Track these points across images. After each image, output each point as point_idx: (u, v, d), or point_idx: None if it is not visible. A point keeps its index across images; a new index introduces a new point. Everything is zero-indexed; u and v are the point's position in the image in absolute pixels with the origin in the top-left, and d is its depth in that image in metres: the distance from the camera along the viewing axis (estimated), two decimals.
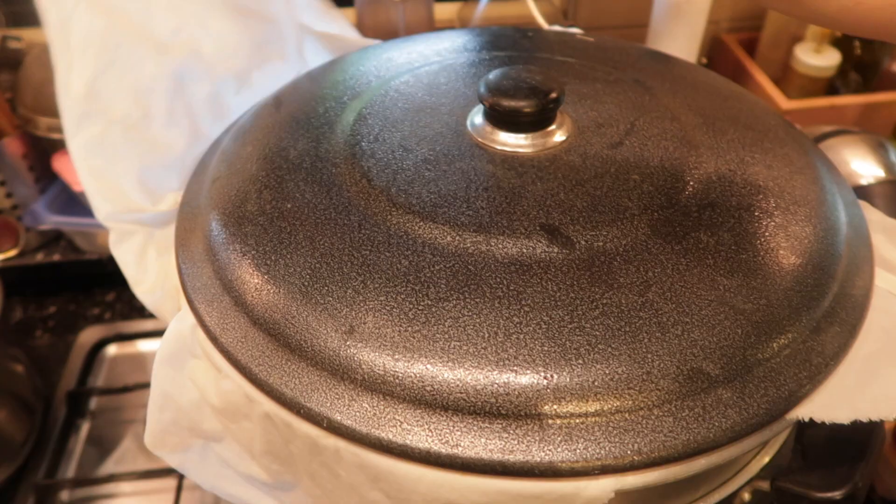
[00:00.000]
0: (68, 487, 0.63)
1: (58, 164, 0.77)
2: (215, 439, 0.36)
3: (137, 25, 0.44)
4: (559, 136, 0.40)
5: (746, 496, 0.38)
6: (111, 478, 0.63)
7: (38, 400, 0.68)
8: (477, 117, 0.41)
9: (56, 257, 0.81)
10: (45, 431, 0.67)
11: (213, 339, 0.34)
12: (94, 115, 0.42)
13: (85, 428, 0.69)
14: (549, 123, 0.40)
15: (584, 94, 0.44)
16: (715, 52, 0.92)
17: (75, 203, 0.78)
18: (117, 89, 0.43)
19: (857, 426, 0.31)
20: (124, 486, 0.64)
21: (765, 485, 0.37)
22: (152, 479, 0.63)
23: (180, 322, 0.36)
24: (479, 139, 0.40)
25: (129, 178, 0.42)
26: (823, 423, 0.31)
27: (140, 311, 0.79)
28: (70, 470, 0.65)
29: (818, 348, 0.32)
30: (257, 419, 0.33)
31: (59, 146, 0.79)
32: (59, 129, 0.78)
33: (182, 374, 0.36)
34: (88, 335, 0.77)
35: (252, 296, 0.34)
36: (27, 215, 0.76)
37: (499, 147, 0.39)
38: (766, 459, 0.37)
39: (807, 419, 0.31)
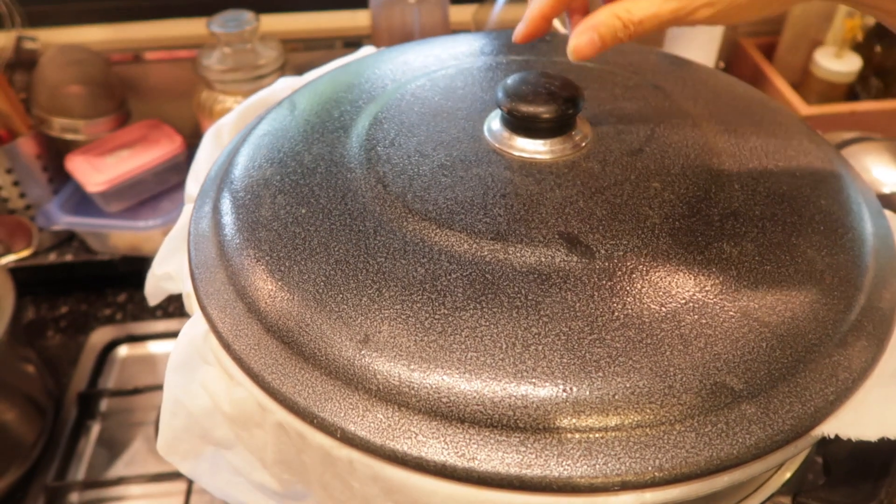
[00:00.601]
0: (78, 489, 0.63)
1: (71, 164, 0.77)
2: (227, 447, 0.36)
3: None
4: (578, 143, 0.39)
5: None
6: (121, 480, 0.63)
7: (48, 401, 0.68)
8: (494, 122, 0.40)
9: (68, 258, 0.81)
10: (55, 433, 0.67)
11: (226, 346, 0.33)
12: None
13: (95, 429, 0.69)
14: (568, 129, 0.39)
15: (603, 100, 0.44)
16: (733, 57, 0.91)
17: (88, 204, 0.78)
18: None
19: (883, 443, 0.30)
20: (134, 489, 0.63)
21: (786, 501, 0.36)
22: (162, 482, 0.62)
23: (192, 328, 0.36)
24: (497, 145, 0.39)
25: None
26: (849, 440, 0.30)
27: (151, 313, 0.79)
28: (80, 472, 0.65)
29: (845, 363, 0.31)
30: (270, 428, 0.33)
31: (72, 146, 0.79)
32: (72, 130, 0.79)
33: (194, 381, 0.35)
34: (99, 336, 0.77)
35: (265, 302, 0.33)
36: (40, 216, 0.76)
37: (516, 153, 0.39)
38: (788, 475, 0.37)
39: (832, 436, 0.30)
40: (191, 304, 0.38)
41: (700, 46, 0.75)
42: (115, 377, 0.74)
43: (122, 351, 0.77)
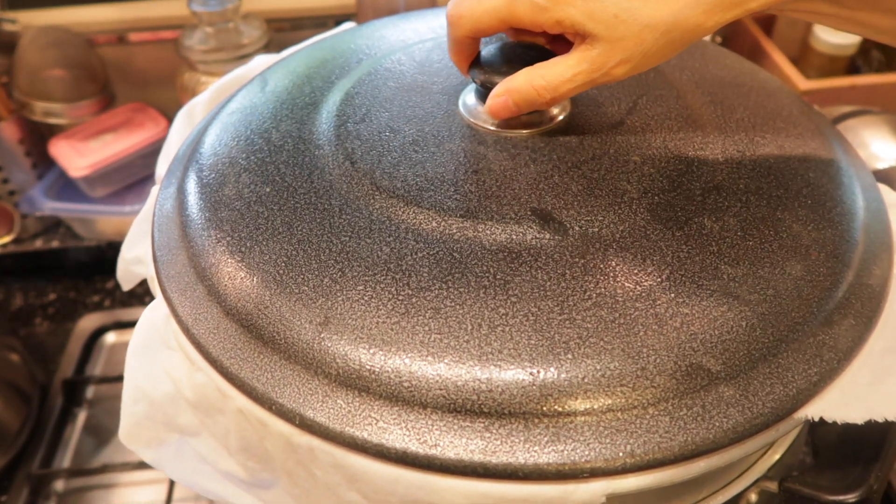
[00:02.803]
0: (64, 477, 0.62)
1: (54, 149, 0.75)
2: (192, 434, 0.35)
3: None
4: (556, 116, 0.37)
5: (753, 497, 0.36)
6: (106, 468, 0.62)
7: (34, 388, 0.67)
8: (469, 96, 0.39)
9: (55, 244, 0.80)
10: (41, 420, 0.66)
11: (186, 330, 0.32)
12: None
13: (82, 417, 0.68)
14: None
15: None
16: (731, 33, 0.88)
17: (73, 189, 0.77)
18: None
19: (872, 425, 0.28)
20: (120, 477, 0.63)
21: (773, 486, 0.35)
22: (148, 470, 0.62)
23: (153, 311, 0.35)
24: (471, 119, 0.38)
25: None
26: (835, 423, 0.28)
27: (140, 299, 0.78)
28: (66, 459, 0.64)
29: (830, 342, 0.30)
30: (231, 414, 0.32)
31: (56, 131, 0.78)
32: (54, 114, 0.78)
33: (155, 366, 0.34)
34: (87, 323, 0.76)
35: (225, 285, 0.32)
36: (24, 201, 0.75)
37: (491, 127, 0.37)
38: (776, 458, 0.35)
39: (817, 419, 0.29)
40: (154, 287, 0.37)
41: None
42: (102, 364, 0.73)
43: (110, 338, 0.76)
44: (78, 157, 0.74)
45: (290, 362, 0.29)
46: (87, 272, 0.82)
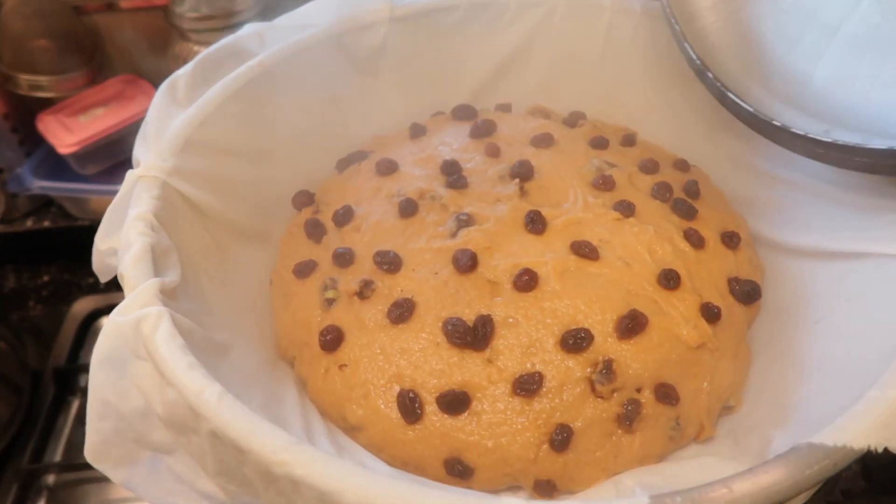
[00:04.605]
0: (54, 472, 0.60)
1: (42, 124, 0.71)
2: (166, 452, 0.31)
3: None
4: None
5: None
6: None
7: (25, 377, 0.64)
8: None
9: (46, 224, 0.76)
10: (32, 411, 0.63)
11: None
12: None
13: (75, 405, 0.65)
14: None
15: None
16: None
17: (63, 167, 0.73)
18: None
19: None
20: None
21: None
22: None
23: (121, 316, 0.31)
24: None
25: None
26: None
27: None
28: (57, 452, 0.61)
29: None
30: (205, 436, 0.28)
31: (45, 105, 0.73)
32: (41, 87, 0.73)
33: (124, 378, 0.30)
34: (81, 306, 0.73)
35: None
36: (12, 180, 0.71)
37: None
38: None
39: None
40: (125, 286, 0.33)
41: None
42: None
43: (104, 322, 0.72)
44: (66, 132, 0.70)
45: None
46: (81, 253, 0.78)
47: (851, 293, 0.36)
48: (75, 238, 0.78)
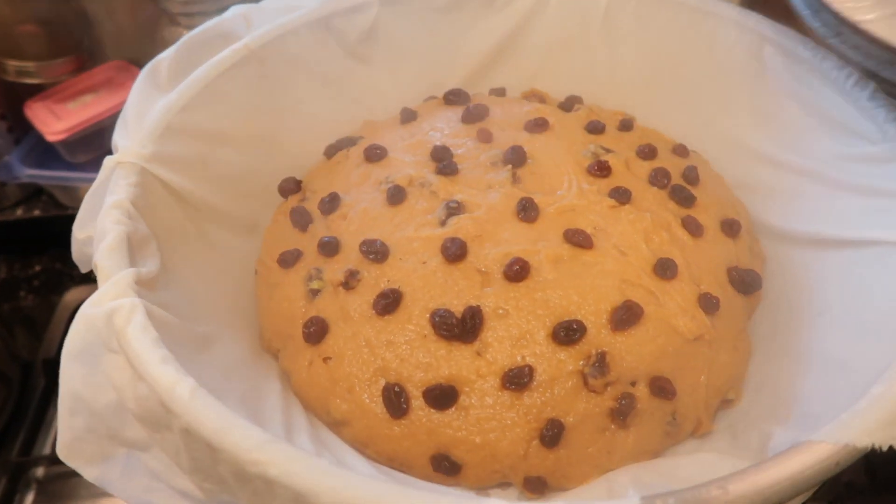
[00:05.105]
0: (44, 465, 0.59)
1: (30, 111, 0.70)
2: (141, 448, 0.30)
3: None
4: None
5: None
6: None
7: (14, 369, 0.63)
8: None
9: (36, 213, 0.75)
10: (22, 403, 0.62)
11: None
12: None
13: None
14: None
15: None
16: None
17: (53, 155, 0.72)
18: None
19: None
20: None
21: None
22: None
23: (93, 308, 0.30)
24: None
25: None
26: None
27: None
28: (47, 444, 0.61)
29: None
30: (178, 433, 0.27)
31: (34, 92, 0.72)
32: (29, 73, 0.72)
33: (96, 372, 0.29)
34: (73, 296, 0.72)
35: None
36: (0, 168, 0.70)
37: None
38: None
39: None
40: (100, 276, 0.32)
41: None
42: None
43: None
44: (55, 119, 0.69)
45: None
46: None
47: (856, 283, 0.35)
48: (66, 227, 0.76)
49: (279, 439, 0.25)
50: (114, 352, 0.29)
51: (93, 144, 0.72)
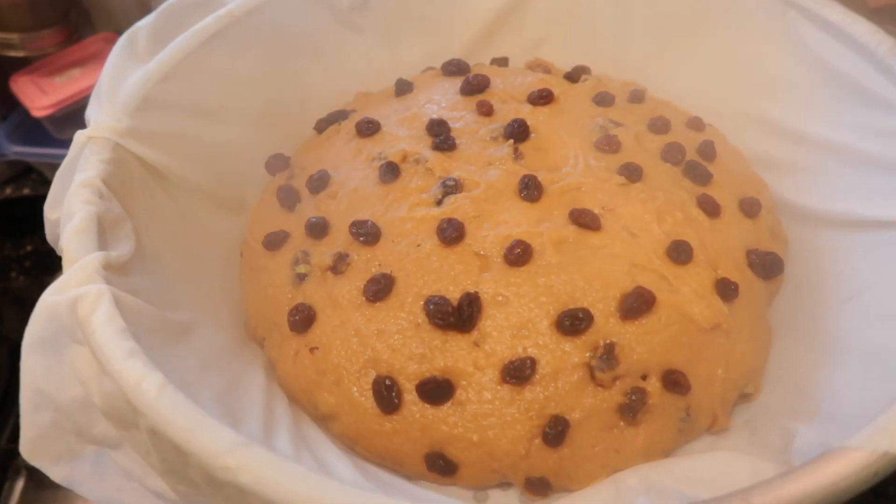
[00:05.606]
0: None
1: (16, 86, 0.68)
2: (111, 446, 0.28)
3: None
4: None
5: None
6: None
7: (3, 352, 0.61)
8: None
9: (26, 191, 0.73)
10: (12, 387, 0.60)
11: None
12: None
13: None
14: None
15: None
16: None
17: (40, 132, 0.69)
18: None
19: None
20: None
21: None
22: None
23: (56, 295, 0.27)
24: None
25: None
26: None
27: None
28: None
29: None
30: (146, 433, 0.25)
31: (19, 65, 0.70)
32: (13, 46, 0.69)
33: (61, 365, 0.27)
34: None
35: None
36: None
37: None
38: None
39: None
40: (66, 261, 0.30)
41: None
42: None
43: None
44: (41, 94, 0.66)
45: None
46: None
47: (886, 267, 0.32)
48: None
49: (252, 442, 0.23)
50: (79, 343, 0.27)
51: (80, 120, 0.68)
